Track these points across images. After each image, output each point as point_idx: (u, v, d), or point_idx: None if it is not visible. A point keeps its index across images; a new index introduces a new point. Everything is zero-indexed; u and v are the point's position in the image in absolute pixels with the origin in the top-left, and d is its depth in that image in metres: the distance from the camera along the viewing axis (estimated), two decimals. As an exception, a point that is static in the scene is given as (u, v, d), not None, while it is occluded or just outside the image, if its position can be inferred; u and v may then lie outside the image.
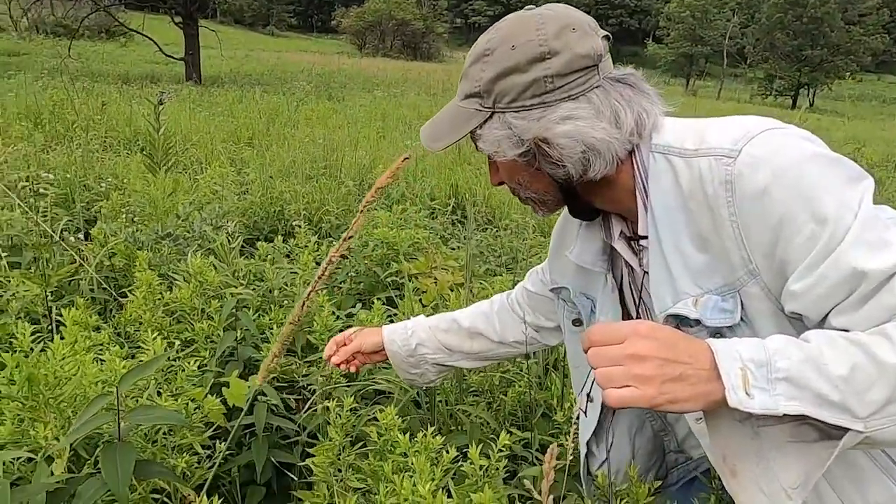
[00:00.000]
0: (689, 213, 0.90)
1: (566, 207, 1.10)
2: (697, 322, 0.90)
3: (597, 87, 0.92)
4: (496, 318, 1.39)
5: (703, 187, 0.88)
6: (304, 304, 0.66)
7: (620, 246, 1.05)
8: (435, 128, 0.99)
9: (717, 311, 0.89)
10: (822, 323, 0.82)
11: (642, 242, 1.01)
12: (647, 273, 1.01)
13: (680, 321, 0.92)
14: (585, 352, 0.77)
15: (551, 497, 0.67)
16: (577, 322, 1.19)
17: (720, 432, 0.80)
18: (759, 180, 0.83)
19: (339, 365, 1.38)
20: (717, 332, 0.89)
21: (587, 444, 1.22)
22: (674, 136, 0.94)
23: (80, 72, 12.45)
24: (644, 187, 0.95)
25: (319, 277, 0.65)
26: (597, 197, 1.01)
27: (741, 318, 0.88)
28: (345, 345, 1.40)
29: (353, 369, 1.41)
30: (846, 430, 0.73)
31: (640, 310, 1.09)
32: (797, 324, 0.85)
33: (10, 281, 2.13)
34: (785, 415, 0.72)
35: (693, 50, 44.51)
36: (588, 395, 1.17)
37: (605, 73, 0.93)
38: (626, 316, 1.12)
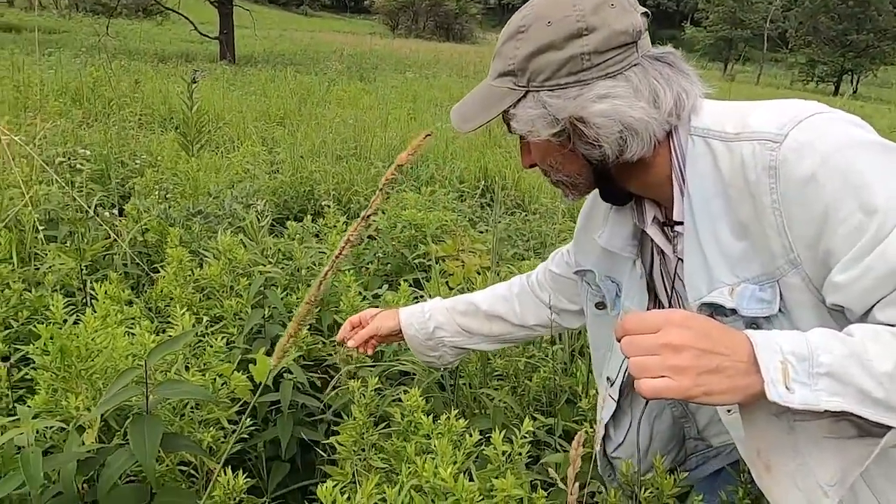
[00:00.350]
0: (729, 200, 0.87)
1: (596, 190, 1.07)
2: (733, 311, 0.87)
3: (635, 65, 0.89)
4: (516, 301, 1.36)
5: (744, 173, 0.85)
6: (320, 283, 0.66)
7: (653, 231, 1.02)
8: (466, 108, 0.97)
9: (754, 301, 0.86)
10: (865, 316, 0.78)
11: (677, 228, 0.98)
12: (681, 260, 0.98)
13: (714, 310, 0.89)
14: (618, 340, 0.75)
15: (577, 484, 0.65)
16: (601, 305, 1.17)
17: (756, 426, 0.78)
18: (806, 167, 0.80)
19: (355, 348, 1.38)
20: (754, 323, 0.86)
21: (605, 426, 1.20)
22: (714, 118, 0.91)
23: (117, 50, 12.63)
24: (681, 171, 0.92)
25: (337, 257, 0.65)
26: (631, 180, 0.99)
27: (779, 309, 0.85)
28: (361, 325, 1.39)
29: (369, 352, 1.40)
30: (887, 427, 0.71)
31: (672, 298, 1.06)
32: (838, 316, 0.82)
33: (46, 254, 2.18)
34: (825, 410, 0.70)
35: (732, 33, 43.33)
36: (609, 378, 1.15)
37: (643, 51, 0.90)
38: (655, 303, 1.10)
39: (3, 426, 1.23)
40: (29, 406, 1.25)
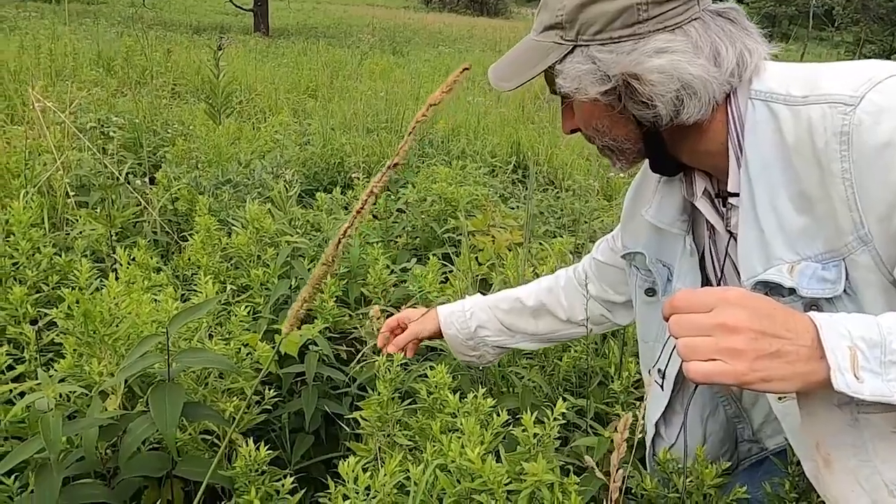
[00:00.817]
0: (792, 169, 0.79)
1: (644, 165, 1.00)
2: (791, 291, 0.80)
3: (695, 18, 0.81)
4: (562, 293, 1.29)
5: (811, 139, 0.77)
6: (339, 242, 0.61)
7: (703, 205, 0.95)
8: (507, 66, 0.91)
9: (815, 281, 0.78)
10: None
11: (732, 201, 0.90)
12: (734, 236, 0.91)
13: (770, 289, 0.82)
14: (666, 319, 0.68)
15: (619, 471, 0.60)
16: (651, 291, 1.09)
17: (815, 417, 0.71)
18: (883, 132, 0.72)
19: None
20: (814, 304, 0.79)
21: (656, 424, 1.13)
22: (778, 81, 0.83)
23: (153, 21, 12.71)
24: (738, 138, 0.85)
25: (358, 211, 0.60)
26: (683, 147, 0.91)
27: (844, 290, 0.78)
28: (399, 326, 1.33)
29: (409, 354, 1.33)
30: None
31: (721, 279, 0.99)
32: None
33: (77, 220, 2.18)
34: None
35: (776, 10, 41.87)
36: (660, 370, 1.07)
37: (704, 5, 0.83)
38: (707, 284, 1.02)
39: (31, 388, 1.23)
40: (55, 370, 1.24)
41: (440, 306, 1.34)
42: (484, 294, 1.40)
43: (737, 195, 0.87)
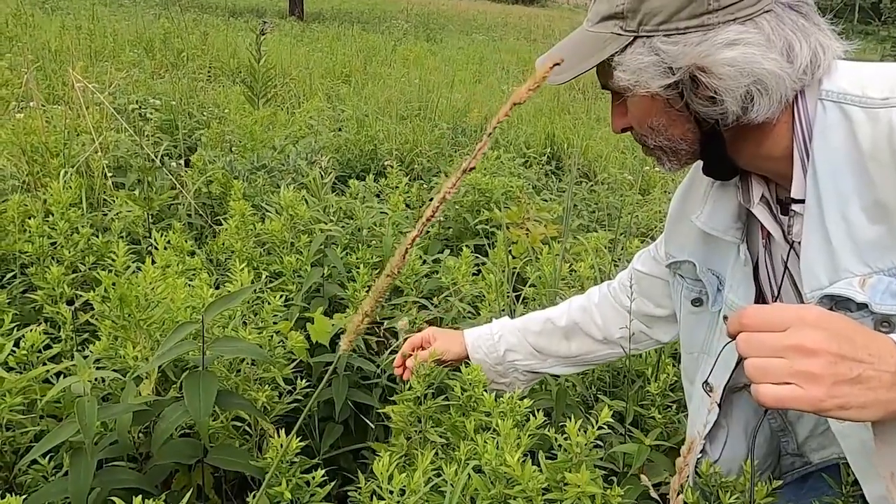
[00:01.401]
0: (866, 176, 0.75)
1: (692, 169, 0.95)
2: (862, 307, 0.75)
3: (767, 11, 0.76)
4: (596, 311, 1.23)
5: (892, 144, 0.72)
6: (406, 251, 0.58)
7: (760, 212, 0.90)
8: (559, 58, 0.87)
9: (889, 296, 0.74)
10: None
11: (795, 208, 0.85)
12: (793, 247, 0.86)
13: (835, 303, 0.77)
14: (732, 337, 0.64)
15: (680, 496, 0.57)
16: (697, 301, 1.04)
17: (892, 447, 0.67)
18: None
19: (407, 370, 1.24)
20: (885, 322, 0.75)
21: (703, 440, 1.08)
22: (850, 81, 0.78)
23: (190, 3, 12.81)
24: (805, 142, 0.80)
25: (429, 219, 0.57)
26: (743, 150, 0.86)
27: None
28: (422, 347, 1.27)
29: (406, 376, 1.25)
30: None
31: (780, 290, 0.94)
32: None
33: (114, 200, 2.20)
34: None
35: (820, 3, 40.73)
36: (707, 382, 1.02)
37: None
38: (760, 297, 0.97)
39: (67, 369, 1.23)
40: (90, 352, 1.25)
41: (467, 330, 1.30)
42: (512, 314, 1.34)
43: (800, 202, 0.82)
